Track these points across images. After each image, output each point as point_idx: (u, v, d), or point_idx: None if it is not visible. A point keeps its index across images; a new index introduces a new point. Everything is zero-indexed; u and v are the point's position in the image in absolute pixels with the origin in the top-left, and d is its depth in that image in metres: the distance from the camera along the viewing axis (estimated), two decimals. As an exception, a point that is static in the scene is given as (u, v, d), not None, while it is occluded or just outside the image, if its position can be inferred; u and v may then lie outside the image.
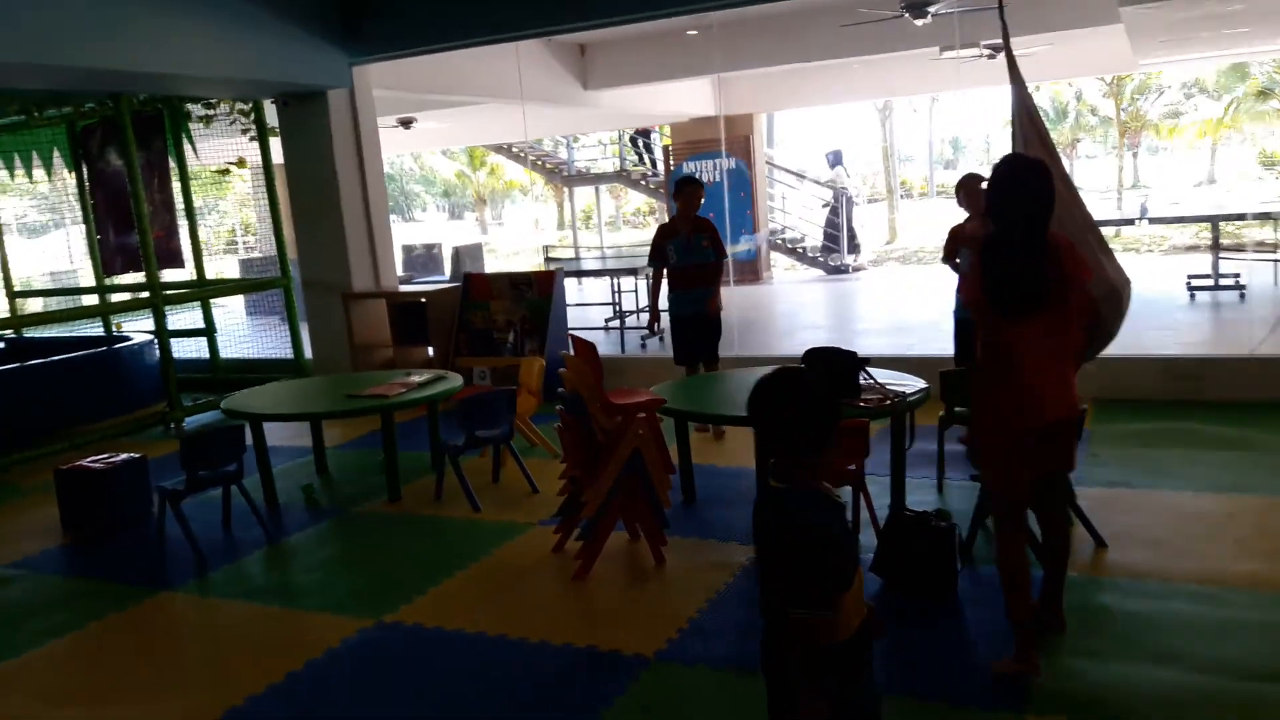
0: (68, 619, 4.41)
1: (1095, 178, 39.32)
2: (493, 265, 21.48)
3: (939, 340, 8.85)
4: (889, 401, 4.38)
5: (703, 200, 6.69)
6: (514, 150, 18.12)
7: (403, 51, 8.58)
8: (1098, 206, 23.38)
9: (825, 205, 16.95)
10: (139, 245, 9.35)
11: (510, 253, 29.37)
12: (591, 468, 4.43)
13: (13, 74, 6.53)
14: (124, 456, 5.84)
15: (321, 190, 8.77)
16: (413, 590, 4.38)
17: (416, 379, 6.10)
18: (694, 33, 10.96)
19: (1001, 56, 12.14)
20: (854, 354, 4.56)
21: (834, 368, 4.54)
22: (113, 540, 5.48)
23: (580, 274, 13.71)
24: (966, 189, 5.67)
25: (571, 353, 4.58)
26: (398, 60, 8.93)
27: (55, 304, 12.44)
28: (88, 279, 16.90)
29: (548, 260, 12.79)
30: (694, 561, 4.47)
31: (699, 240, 6.53)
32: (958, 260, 5.79)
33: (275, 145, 9.05)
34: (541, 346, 8.08)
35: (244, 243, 20.41)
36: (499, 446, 5.89)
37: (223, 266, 17.73)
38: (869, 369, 4.59)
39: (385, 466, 5.79)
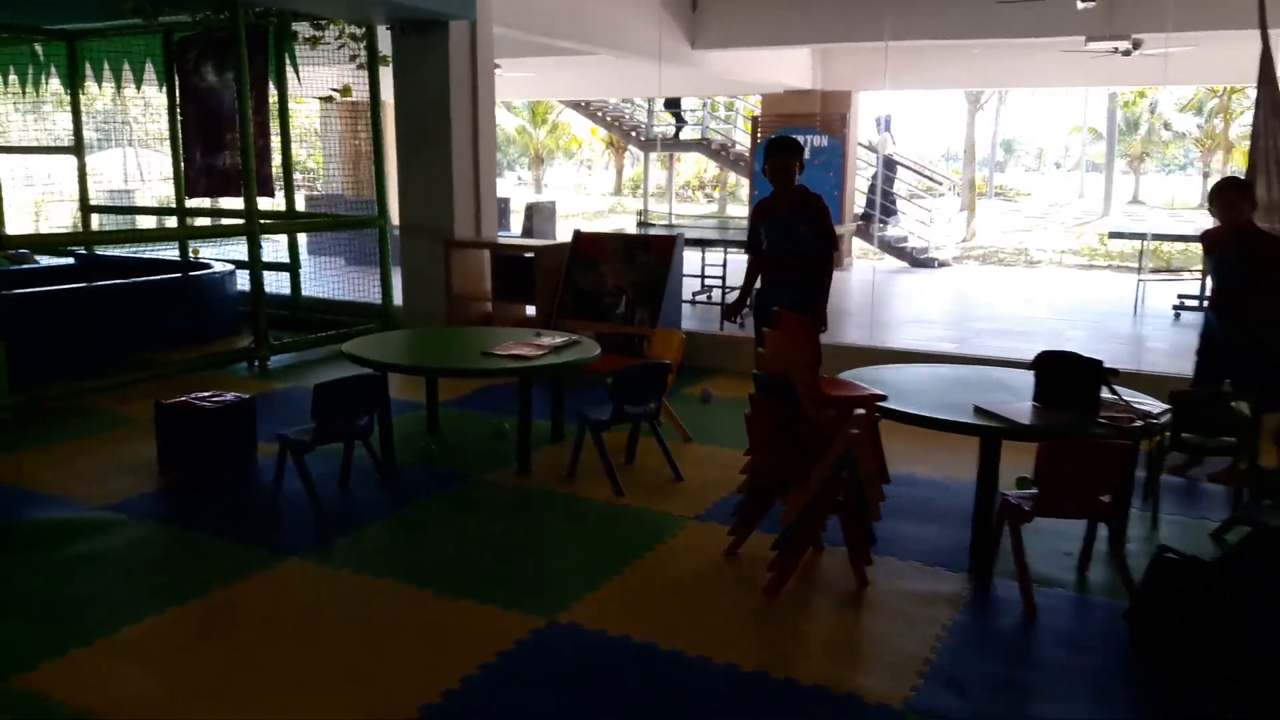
0: (183, 581, 3.91)
1: (1161, 194, 38.28)
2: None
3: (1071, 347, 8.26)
4: (1140, 423, 3.80)
5: (799, 169, 5.20)
6: (591, 108, 17.47)
7: (533, -16, 7.98)
8: (1170, 225, 22.52)
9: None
10: (226, 168, 8.91)
11: (563, 214, 28.66)
12: (788, 464, 3.89)
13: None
14: (230, 396, 5.34)
15: (430, 128, 8.21)
16: (578, 586, 3.85)
17: (548, 340, 5.57)
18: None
19: (1138, 55, 11.42)
20: (1098, 362, 3.98)
21: (1074, 376, 3.98)
22: (214, 485, 4.99)
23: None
24: (1225, 197, 4.87)
25: (776, 329, 4.02)
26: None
27: (117, 222, 11.97)
28: (142, 199, 16.46)
29: (641, 225, 12.17)
30: (900, 587, 3.91)
31: (794, 224, 5.19)
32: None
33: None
34: (654, 316, 7.52)
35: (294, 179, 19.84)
36: (637, 424, 5.34)
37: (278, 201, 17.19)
38: (1114, 383, 4.01)
39: (518, 435, 5.26)
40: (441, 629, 3.50)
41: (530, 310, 8.29)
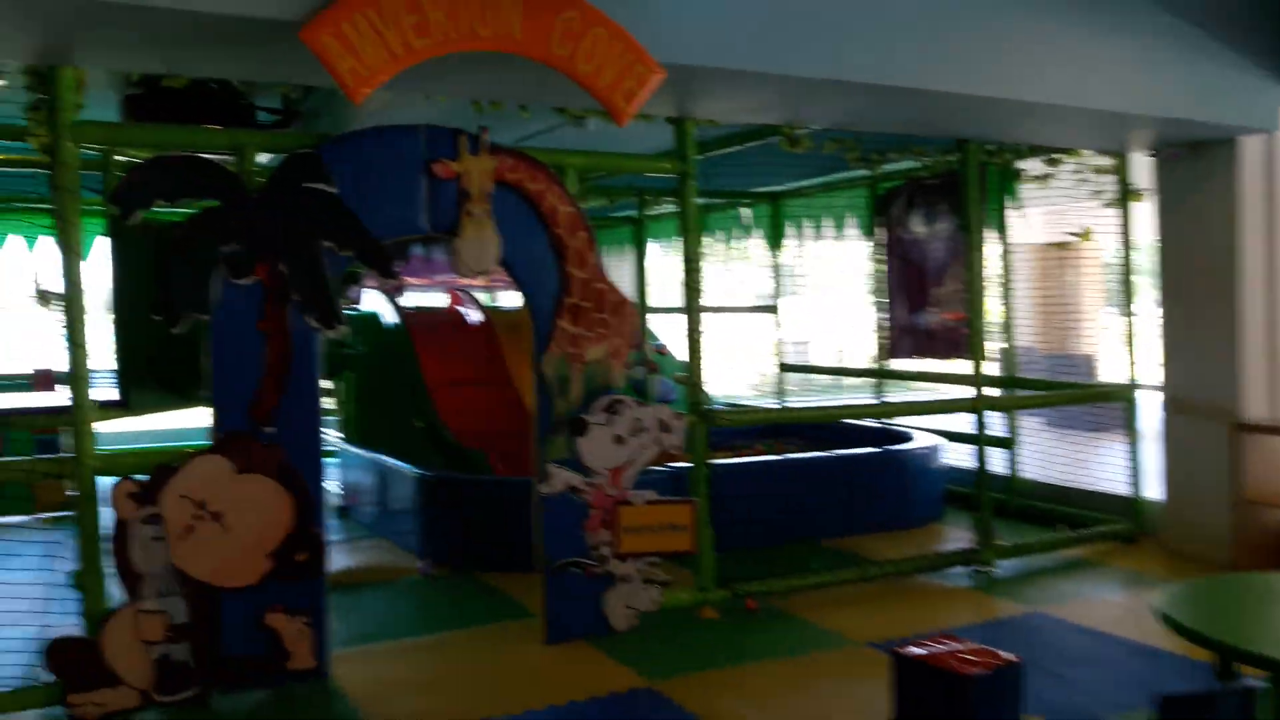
0: None
1: None
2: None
3: None
4: None
5: None
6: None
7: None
8: None
9: None
10: (931, 328, 7.96)
11: None
12: None
13: (879, 104, 5.13)
14: (989, 651, 3.87)
15: (1208, 273, 6.26)
16: None
17: None
18: None
19: None
20: None
21: None
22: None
23: None
24: None
25: None
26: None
27: (804, 379, 11.72)
28: (816, 356, 16.43)
29: None
30: None
31: None
32: None
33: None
34: None
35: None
36: None
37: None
38: None
39: None
40: None
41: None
